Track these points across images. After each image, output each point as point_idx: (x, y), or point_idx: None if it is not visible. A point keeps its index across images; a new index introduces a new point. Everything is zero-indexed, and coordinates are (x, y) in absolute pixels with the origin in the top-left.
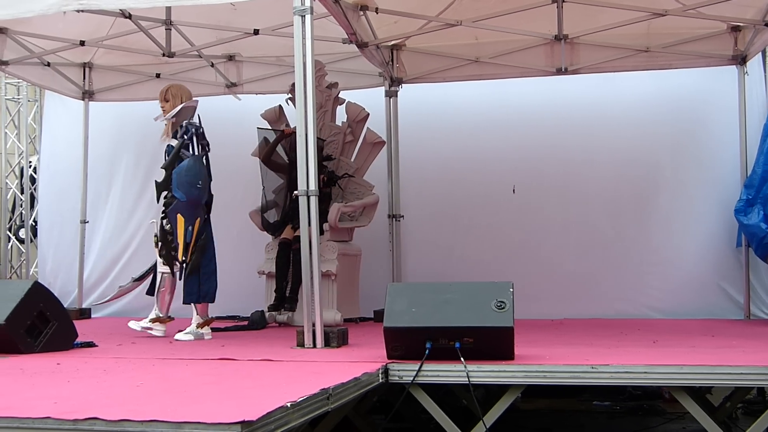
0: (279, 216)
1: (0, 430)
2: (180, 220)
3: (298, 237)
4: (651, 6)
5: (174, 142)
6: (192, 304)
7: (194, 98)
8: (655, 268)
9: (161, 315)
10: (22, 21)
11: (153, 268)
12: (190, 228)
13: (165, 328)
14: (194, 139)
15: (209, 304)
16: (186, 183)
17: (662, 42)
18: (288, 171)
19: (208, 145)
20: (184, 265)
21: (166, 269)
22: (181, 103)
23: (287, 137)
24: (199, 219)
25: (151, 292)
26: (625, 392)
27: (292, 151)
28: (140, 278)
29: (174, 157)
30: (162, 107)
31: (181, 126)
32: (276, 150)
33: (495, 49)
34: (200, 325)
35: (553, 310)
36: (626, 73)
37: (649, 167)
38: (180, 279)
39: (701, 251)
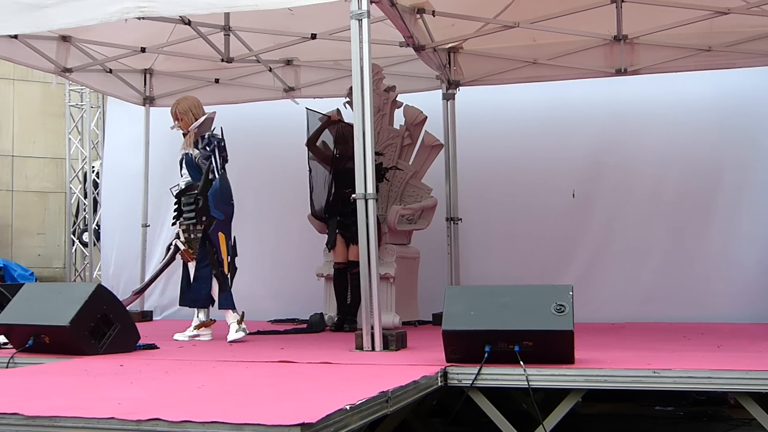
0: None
1: (65, 429)
2: (221, 237)
3: (353, 261)
4: (713, 4)
5: (194, 152)
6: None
7: (210, 108)
8: (718, 272)
9: (205, 319)
10: (85, 29)
11: (150, 282)
12: (229, 243)
13: (211, 331)
14: (216, 151)
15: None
16: (222, 203)
17: (724, 41)
18: (332, 163)
19: (227, 156)
20: (227, 276)
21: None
22: (193, 114)
23: (333, 124)
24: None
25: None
26: (688, 397)
27: (338, 144)
28: (139, 291)
29: (206, 180)
30: (178, 126)
31: (203, 137)
32: (324, 141)
33: (553, 51)
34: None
35: (613, 314)
36: (687, 73)
37: (711, 169)
38: (225, 291)
39: (765, 254)
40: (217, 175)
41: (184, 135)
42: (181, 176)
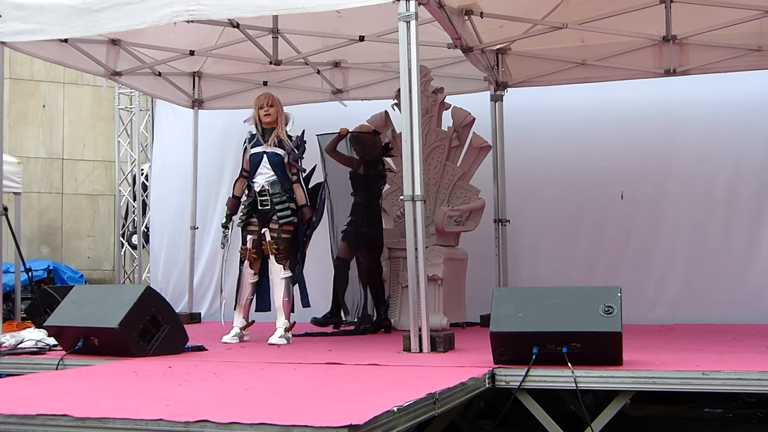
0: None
1: (115, 431)
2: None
3: (355, 257)
4: (763, 4)
5: (279, 151)
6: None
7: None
8: None
9: (246, 321)
10: (135, 33)
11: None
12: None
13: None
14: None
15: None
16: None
17: None
18: (356, 162)
19: None
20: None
21: (256, 278)
22: (283, 113)
23: (344, 138)
24: None
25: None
26: (738, 399)
27: (357, 153)
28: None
29: (307, 185)
30: (268, 113)
31: (290, 138)
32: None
33: (602, 52)
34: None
35: (662, 316)
36: (737, 73)
37: (761, 170)
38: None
39: None
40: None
41: (263, 130)
42: (256, 174)
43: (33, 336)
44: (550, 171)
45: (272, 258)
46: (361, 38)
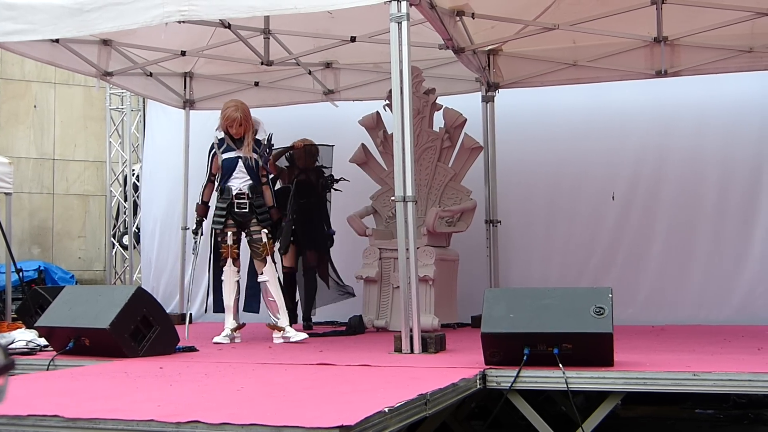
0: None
1: (106, 431)
2: None
3: (309, 265)
4: (754, 5)
5: (256, 156)
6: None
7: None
8: (759, 274)
9: (237, 323)
10: (126, 33)
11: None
12: None
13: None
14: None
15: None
16: None
17: (766, 42)
18: (285, 176)
19: None
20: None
21: (239, 276)
22: (251, 119)
23: (295, 150)
24: None
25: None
26: (729, 400)
27: (296, 159)
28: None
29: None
30: (239, 132)
31: (258, 142)
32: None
33: (593, 53)
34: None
35: (653, 317)
36: (728, 74)
37: (752, 171)
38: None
39: None
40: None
41: (234, 138)
42: (231, 178)
43: (24, 336)
44: (542, 172)
45: (267, 259)
46: (353, 39)
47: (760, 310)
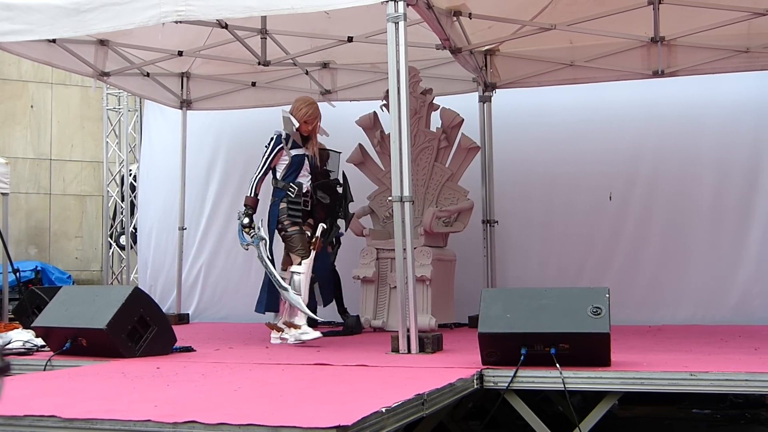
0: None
1: (103, 431)
2: None
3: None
4: (751, 6)
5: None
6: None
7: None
8: (755, 274)
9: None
10: (123, 33)
11: None
12: None
13: None
14: None
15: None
16: None
17: (762, 42)
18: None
19: None
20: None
21: None
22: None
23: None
24: None
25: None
26: (726, 400)
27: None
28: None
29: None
30: (314, 126)
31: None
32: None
33: (590, 53)
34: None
35: (651, 317)
36: (725, 75)
37: (748, 171)
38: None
39: None
40: None
41: (302, 135)
42: (299, 175)
43: (21, 337)
44: (539, 172)
45: (312, 253)
46: (350, 39)
47: (757, 310)
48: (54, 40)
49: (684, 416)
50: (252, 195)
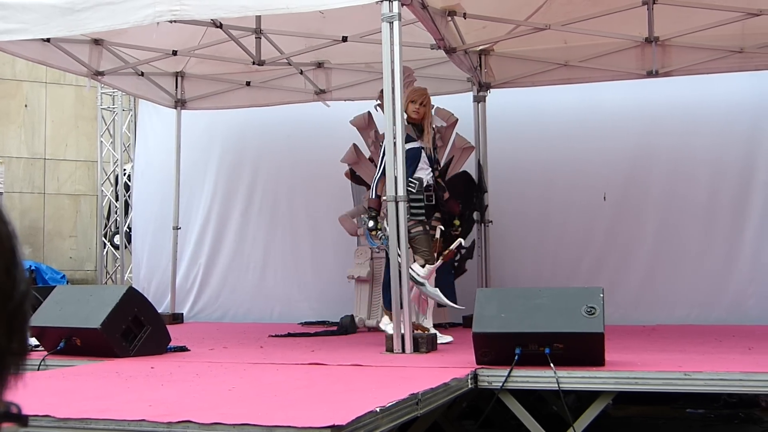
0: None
1: (97, 431)
2: None
3: None
4: (745, 6)
5: (429, 146)
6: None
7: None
8: (750, 274)
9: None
10: (118, 32)
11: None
12: None
13: None
14: None
15: None
16: None
17: (757, 42)
18: None
19: None
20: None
21: None
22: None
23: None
24: None
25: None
26: (719, 400)
27: None
28: None
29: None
30: (418, 111)
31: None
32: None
33: (584, 53)
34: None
35: (645, 317)
36: (720, 75)
37: (743, 171)
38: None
39: None
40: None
41: (413, 125)
42: (417, 169)
43: None
44: (533, 172)
45: (437, 263)
46: (344, 39)
47: (751, 310)
48: (48, 40)
49: (678, 416)
50: (374, 196)
